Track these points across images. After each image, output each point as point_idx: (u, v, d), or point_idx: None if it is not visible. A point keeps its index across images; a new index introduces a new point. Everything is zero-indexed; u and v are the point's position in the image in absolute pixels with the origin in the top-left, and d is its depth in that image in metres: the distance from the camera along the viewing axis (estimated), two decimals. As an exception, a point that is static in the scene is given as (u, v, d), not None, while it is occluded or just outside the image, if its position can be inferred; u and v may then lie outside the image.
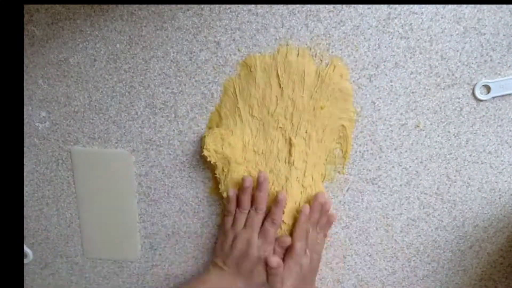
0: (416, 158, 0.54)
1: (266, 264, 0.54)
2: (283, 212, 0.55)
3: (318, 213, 0.55)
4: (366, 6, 0.50)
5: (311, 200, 0.56)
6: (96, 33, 0.55)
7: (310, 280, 0.58)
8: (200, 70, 0.54)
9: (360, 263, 0.59)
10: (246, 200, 0.55)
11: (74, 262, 0.65)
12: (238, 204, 0.56)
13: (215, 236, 0.61)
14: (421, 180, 0.55)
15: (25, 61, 0.57)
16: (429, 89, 0.52)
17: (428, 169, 0.55)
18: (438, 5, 0.49)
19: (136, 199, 0.61)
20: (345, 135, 0.54)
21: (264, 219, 0.55)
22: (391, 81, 0.52)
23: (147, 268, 0.64)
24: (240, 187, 0.55)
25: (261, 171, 0.55)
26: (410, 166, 0.55)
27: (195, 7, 0.52)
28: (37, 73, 0.57)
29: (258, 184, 0.54)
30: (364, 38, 0.51)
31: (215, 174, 0.57)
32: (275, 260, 0.53)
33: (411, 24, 0.50)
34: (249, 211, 0.55)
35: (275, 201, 0.55)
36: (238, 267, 0.55)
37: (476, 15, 0.49)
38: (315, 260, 0.57)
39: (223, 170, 0.56)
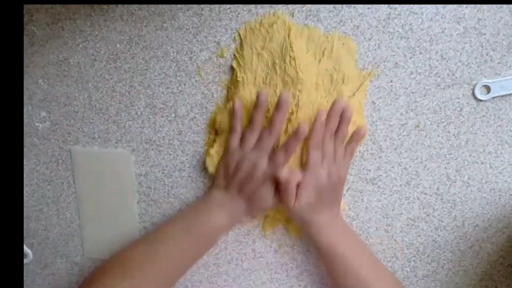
0: (416, 158, 0.54)
1: (277, 184, 0.50)
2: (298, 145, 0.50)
3: (335, 120, 0.50)
4: (366, 6, 0.50)
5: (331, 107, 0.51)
6: (96, 33, 0.55)
7: (329, 199, 0.52)
8: (200, 70, 0.54)
9: (360, 263, 0.59)
10: (259, 118, 0.50)
11: (74, 262, 0.65)
12: (249, 120, 0.51)
13: (215, 236, 0.61)
14: (421, 180, 0.55)
15: (25, 61, 0.57)
16: (429, 89, 0.52)
17: (428, 169, 0.55)
18: (438, 5, 0.49)
19: (136, 199, 0.61)
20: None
21: (277, 146, 0.51)
22: (391, 81, 0.52)
23: (147, 268, 0.64)
24: (255, 103, 0.51)
25: (283, 91, 0.50)
26: (410, 166, 0.55)
27: (195, 7, 0.52)
28: (37, 73, 0.57)
29: (278, 104, 0.49)
30: (364, 38, 0.51)
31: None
32: (285, 172, 0.49)
33: (411, 24, 0.50)
34: (262, 132, 0.51)
35: (294, 132, 0.49)
36: (241, 189, 0.52)
37: (476, 15, 0.49)
38: (334, 175, 0.51)
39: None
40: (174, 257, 0.52)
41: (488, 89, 0.51)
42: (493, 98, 0.51)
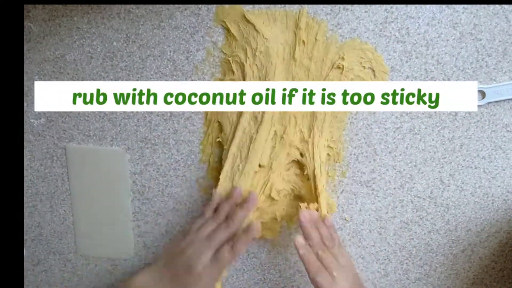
0: (410, 162, 0.55)
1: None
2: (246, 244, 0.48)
3: (315, 231, 0.50)
4: (363, 9, 0.50)
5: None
6: (93, 30, 0.55)
7: None
8: (197, 69, 0.54)
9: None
10: (225, 210, 0.50)
11: (67, 259, 0.65)
12: (215, 210, 0.51)
13: (208, 235, 0.61)
14: (414, 183, 0.55)
15: (21, 57, 0.57)
16: (425, 93, 0.52)
17: (422, 172, 0.55)
18: (434, 10, 0.49)
19: (130, 197, 0.61)
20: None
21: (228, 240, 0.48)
22: (387, 85, 0.52)
23: (140, 266, 0.64)
24: (227, 196, 0.52)
25: (253, 192, 0.51)
26: (404, 170, 0.55)
27: (192, 6, 0.52)
28: (33, 70, 0.57)
29: (244, 202, 0.50)
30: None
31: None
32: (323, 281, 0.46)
33: (407, 28, 0.50)
34: (221, 223, 0.49)
35: (246, 228, 0.48)
36: (177, 278, 0.47)
37: (472, 21, 0.49)
38: (347, 272, 0.49)
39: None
40: None
41: (483, 94, 0.51)
42: (488, 103, 0.52)
